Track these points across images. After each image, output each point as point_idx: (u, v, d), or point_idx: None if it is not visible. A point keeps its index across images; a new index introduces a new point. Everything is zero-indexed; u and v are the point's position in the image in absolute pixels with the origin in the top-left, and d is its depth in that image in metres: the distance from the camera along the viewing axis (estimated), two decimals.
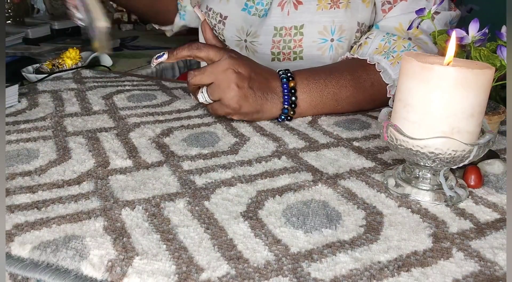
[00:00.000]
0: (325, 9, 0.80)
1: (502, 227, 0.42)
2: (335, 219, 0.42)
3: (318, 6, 0.80)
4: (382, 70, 0.71)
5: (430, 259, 0.37)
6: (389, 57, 0.73)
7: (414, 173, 0.48)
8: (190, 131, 0.62)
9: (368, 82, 0.71)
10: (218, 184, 0.48)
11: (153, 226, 0.40)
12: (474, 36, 0.53)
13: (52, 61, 0.95)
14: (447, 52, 0.44)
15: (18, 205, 0.42)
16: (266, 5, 0.85)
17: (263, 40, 0.86)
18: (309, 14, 0.81)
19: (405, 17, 0.77)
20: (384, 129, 0.46)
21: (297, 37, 0.83)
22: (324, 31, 0.81)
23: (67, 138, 0.58)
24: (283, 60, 0.86)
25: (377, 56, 0.73)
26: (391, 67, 0.72)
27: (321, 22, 0.80)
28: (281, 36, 0.84)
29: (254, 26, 0.86)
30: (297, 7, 0.81)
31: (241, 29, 0.88)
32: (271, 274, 0.35)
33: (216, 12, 0.90)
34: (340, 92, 0.69)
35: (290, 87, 0.65)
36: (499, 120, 0.55)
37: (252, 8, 0.87)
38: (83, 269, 0.35)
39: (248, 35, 0.87)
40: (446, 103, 0.42)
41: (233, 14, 0.88)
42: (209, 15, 0.92)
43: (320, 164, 0.53)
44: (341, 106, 0.70)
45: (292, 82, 0.66)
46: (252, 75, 0.63)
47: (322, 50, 0.83)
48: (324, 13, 0.80)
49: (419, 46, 0.74)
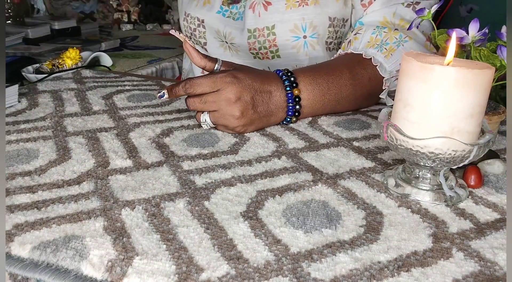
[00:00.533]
0: (293, 7, 0.81)
1: (502, 227, 0.42)
2: (335, 219, 0.42)
3: (287, 5, 0.81)
4: (378, 64, 0.71)
5: (430, 259, 0.37)
6: (382, 50, 0.73)
7: (414, 173, 0.48)
8: (190, 132, 0.62)
9: (366, 77, 0.71)
10: (218, 184, 0.48)
11: (153, 226, 0.40)
12: (474, 36, 0.53)
13: (52, 61, 0.95)
14: (448, 53, 0.44)
15: (18, 205, 0.42)
16: (240, 8, 0.86)
17: (239, 42, 0.87)
18: (279, 14, 0.82)
19: (387, 10, 0.78)
20: (384, 129, 0.46)
21: (270, 37, 0.84)
22: (295, 29, 0.82)
23: (67, 138, 0.58)
24: (262, 59, 0.87)
25: (371, 50, 0.73)
26: (385, 60, 0.72)
27: (291, 20, 0.81)
28: (255, 37, 0.85)
29: (229, 28, 0.87)
30: (267, 8, 0.82)
31: (218, 32, 0.89)
32: (271, 274, 0.35)
33: (193, 17, 0.91)
34: (341, 92, 0.68)
35: (295, 96, 0.64)
36: (499, 120, 0.55)
37: (227, 11, 0.88)
38: (83, 269, 0.35)
39: (226, 37, 0.88)
40: (446, 103, 0.42)
41: (208, 17, 0.89)
42: (187, 21, 0.92)
43: (320, 164, 0.53)
44: (341, 105, 0.70)
45: (296, 90, 0.63)
46: (255, 96, 0.60)
47: (297, 48, 0.84)
48: (293, 11, 0.81)
49: (410, 37, 0.74)
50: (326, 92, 0.67)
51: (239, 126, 0.60)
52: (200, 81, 0.59)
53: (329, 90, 0.67)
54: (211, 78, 0.59)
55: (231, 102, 0.59)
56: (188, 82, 0.59)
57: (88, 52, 1.08)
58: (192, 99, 0.60)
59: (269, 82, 0.63)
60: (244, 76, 0.60)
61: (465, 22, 0.54)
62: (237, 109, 0.59)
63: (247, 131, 0.62)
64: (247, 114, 0.60)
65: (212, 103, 0.59)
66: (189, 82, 0.59)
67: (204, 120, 0.61)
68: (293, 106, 0.64)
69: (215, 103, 0.59)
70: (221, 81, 0.59)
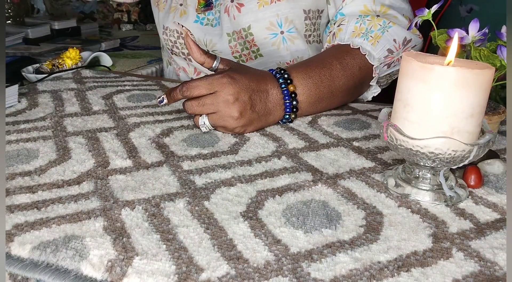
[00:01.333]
0: (266, 5, 0.81)
1: (502, 227, 0.42)
2: (335, 219, 0.42)
3: (259, 4, 0.81)
4: (366, 52, 0.72)
5: (430, 259, 0.37)
6: (368, 38, 0.73)
7: (414, 173, 0.48)
8: (190, 132, 0.62)
9: (356, 67, 0.71)
10: (218, 184, 0.48)
11: (153, 226, 0.40)
12: (474, 36, 0.53)
13: (52, 61, 0.95)
14: (449, 54, 0.44)
15: (18, 205, 0.42)
16: (216, 13, 0.86)
17: (221, 48, 0.87)
18: (252, 14, 0.82)
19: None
20: (384, 129, 0.46)
21: (249, 38, 0.84)
22: (271, 26, 0.82)
23: (67, 138, 0.58)
24: (246, 60, 0.88)
25: (357, 39, 0.74)
26: (372, 48, 0.72)
27: (266, 18, 0.81)
28: (235, 40, 0.85)
29: (209, 36, 0.87)
30: (240, 10, 0.82)
31: (199, 41, 0.88)
32: (271, 274, 0.35)
33: (171, 30, 0.91)
34: (334, 83, 0.69)
35: (291, 92, 0.64)
36: (499, 120, 0.55)
37: (204, 19, 0.88)
38: (83, 269, 0.35)
39: (207, 45, 0.88)
40: (446, 103, 0.42)
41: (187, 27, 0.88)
42: (167, 34, 0.92)
43: (320, 164, 0.53)
44: (335, 96, 0.70)
45: (291, 86, 0.64)
46: (253, 96, 0.60)
47: (276, 44, 0.84)
48: (266, 9, 0.81)
49: (393, 22, 0.75)
50: (320, 85, 0.67)
51: (238, 127, 0.60)
52: (196, 83, 0.59)
53: (322, 82, 0.67)
54: (207, 80, 0.59)
55: (229, 104, 0.58)
56: (184, 85, 0.59)
57: (88, 52, 1.08)
58: (190, 102, 0.60)
59: (264, 81, 0.63)
60: (240, 76, 0.60)
61: (465, 22, 0.54)
62: (236, 110, 0.59)
63: (247, 132, 0.62)
64: (246, 114, 0.60)
65: (210, 106, 0.59)
66: (185, 85, 0.59)
67: (203, 123, 0.61)
68: (290, 102, 0.64)
69: (213, 105, 0.59)
70: (218, 82, 0.58)
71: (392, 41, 0.74)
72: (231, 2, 0.83)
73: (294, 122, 0.67)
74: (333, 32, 0.79)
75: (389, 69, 0.76)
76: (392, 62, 0.75)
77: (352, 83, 0.71)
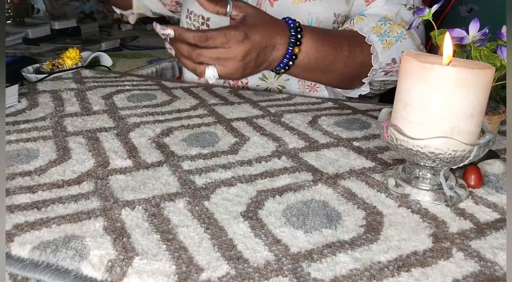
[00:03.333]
0: (300, 3, 0.80)
1: (502, 227, 0.42)
2: (335, 219, 0.42)
3: (294, 0, 0.81)
4: (374, 53, 0.73)
5: (430, 259, 0.37)
6: (383, 40, 0.74)
7: (414, 173, 0.48)
8: (190, 131, 0.62)
9: (359, 60, 0.72)
10: (218, 184, 0.48)
11: (153, 226, 0.40)
12: (474, 36, 0.53)
13: (52, 61, 0.95)
14: (444, 52, 0.44)
15: (18, 205, 0.42)
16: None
17: None
18: (285, 9, 0.81)
19: (390, 8, 0.79)
20: (384, 129, 0.46)
21: None
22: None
23: (67, 138, 0.58)
24: None
25: (374, 36, 0.74)
26: (382, 51, 0.73)
27: (298, 15, 0.80)
28: None
29: None
30: (273, 4, 0.82)
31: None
32: (271, 274, 0.34)
33: (197, 15, 0.89)
34: (333, 64, 0.70)
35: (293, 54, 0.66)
36: (499, 120, 0.55)
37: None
38: (83, 269, 0.35)
39: None
40: (446, 103, 0.42)
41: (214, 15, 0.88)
42: (190, 18, 0.91)
43: (320, 164, 0.53)
44: (326, 76, 0.72)
45: (297, 48, 0.66)
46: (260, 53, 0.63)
47: None
48: (300, 6, 0.80)
49: (409, 35, 0.76)
50: (320, 61, 0.69)
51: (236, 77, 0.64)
52: (213, 34, 0.60)
53: (324, 60, 0.69)
54: (225, 34, 0.60)
55: (237, 60, 0.61)
56: (202, 35, 0.60)
57: (88, 52, 1.08)
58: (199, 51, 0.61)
59: (276, 35, 0.64)
60: (255, 33, 0.62)
61: (465, 22, 0.54)
62: (241, 66, 0.62)
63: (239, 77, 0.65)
64: (248, 68, 0.63)
65: (221, 61, 0.61)
66: (203, 36, 0.60)
67: (212, 76, 0.63)
68: (287, 61, 0.66)
69: (224, 61, 0.61)
70: (234, 39, 0.60)
71: (400, 53, 0.75)
72: None
73: (294, 122, 0.67)
74: (353, 18, 0.80)
75: (385, 76, 0.77)
76: (390, 71, 0.76)
77: (347, 72, 0.72)
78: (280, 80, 0.87)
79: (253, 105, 0.74)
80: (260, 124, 0.65)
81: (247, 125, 0.65)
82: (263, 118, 0.68)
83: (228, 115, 0.69)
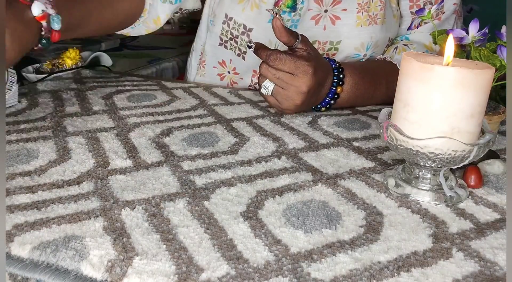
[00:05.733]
0: (364, 26, 0.80)
1: (502, 227, 0.42)
2: (335, 219, 0.42)
3: (358, 22, 0.79)
4: None
5: (430, 259, 0.37)
6: None
7: (414, 173, 0.48)
8: (190, 131, 0.62)
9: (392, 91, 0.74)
10: (218, 184, 0.48)
11: (153, 226, 0.40)
12: (474, 36, 0.53)
13: (52, 61, 0.95)
14: (445, 53, 0.44)
15: (18, 205, 0.42)
16: (294, 16, 0.81)
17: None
18: (348, 29, 0.80)
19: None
20: (384, 129, 0.46)
21: (330, 52, 0.82)
22: (361, 47, 0.81)
23: (67, 138, 0.58)
24: None
25: None
26: None
27: (360, 37, 0.80)
28: None
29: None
30: (334, 23, 0.80)
31: (269, 43, 0.82)
32: (271, 274, 0.34)
33: (238, 23, 0.83)
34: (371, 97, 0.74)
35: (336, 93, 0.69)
36: (499, 120, 0.55)
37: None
38: (83, 269, 0.35)
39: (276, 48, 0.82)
40: (446, 103, 0.42)
41: (259, 26, 0.82)
42: (229, 25, 0.85)
43: (320, 164, 0.53)
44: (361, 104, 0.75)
45: (339, 88, 0.69)
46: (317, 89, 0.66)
47: None
48: (363, 29, 0.80)
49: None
50: (360, 96, 0.72)
51: (289, 110, 0.67)
52: (285, 59, 0.62)
53: (363, 95, 0.72)
54: (295, 61, 0.62)
55: (300, 92, 0.63)
56: (274, 55, 0.62)
57: (88, 52, 1.08)
58: (268, 67, 0.64)
59: (326, 75, 0.67)
60: (318, 68, 0.64)
61: (465, 22, 0.54)
62: (301, 98, 0.64)
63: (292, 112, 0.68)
64: (305, 103, 0.66)
65: (283, 83, 0.63)
66: (274, 56, 0.62)
67: (267, 87, 0.65)
68: (329, 100, 0.70)
69: (286, 84, 0.63)
70: (303, 68, 0.62)
71: None
72: (325, 12, 0.80)
73: (294, 122, 0.67)
74: (397, 46, 0.81)
75: None
76: None
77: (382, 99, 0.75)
78: None
79: (253, 106, 0.74)
80: (260, 125, 0.65)
81: (247, 126, 0.65)
82: (263, 119, 0.68)
83: (228, 115, 0.69)
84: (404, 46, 0.80)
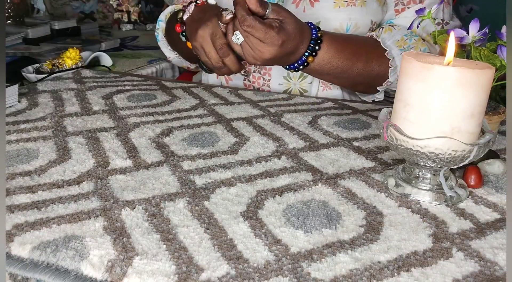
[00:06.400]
0: (342, 7, 0.80)
1: (502, 227, 0.42)
2: (335, 219, 0.42)
3: (335, 3, 0.81)
4: (392, 67, 0.74)
5: (430, 259, 0.37)
6: None
7: (414, 173, 0.48)
8: (190, 131, 0.62)
9: (375, 72, 0.74)
10: (218, 184, 0.48)
11: (153, 226, 0.40)
12: (474, 36, 0.53)
13: (52, 61, 0.95)
14: (447, 53, 0.44)
15: (18, 205, 0.42)
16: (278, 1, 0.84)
17: None
18: (326, 11, 0.81)
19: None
20: (384, 129, 0.46)
21: None
22: (340, 28, 0.81)
23: (67, 138, 0.58)
24: None
25: (396, 50, 0.76)
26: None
27: (338, 19, 0.81)
28: None
29: None
30: (313, 4, 0.82)
31: None
32: (271, 274, 0.34)
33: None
34: (345, 73, 0.73)
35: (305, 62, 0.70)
36: (499, 120, 0.55)
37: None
38: (83, 269, 0.35)
39: None
40: (446, 103, 0.42)
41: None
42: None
43: (320, 164, 0.53)
44: (337, 81, 0.75)
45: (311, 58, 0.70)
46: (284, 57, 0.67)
47: None
48: (341, 11, 0.81)
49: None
50: (334, 68, 0.72)
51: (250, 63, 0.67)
52: (257, 27, 0.62)
53: (337, 68, 0.72)
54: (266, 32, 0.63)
55: (263, 58, 0.65)
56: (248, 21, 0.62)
57: (88, 52, 1.08)
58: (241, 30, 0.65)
59: (300, 43, 0.68)
60: (288, 43, 0.65)
61: (465, 22, 0.54)
62: (262, 62, 0.66)
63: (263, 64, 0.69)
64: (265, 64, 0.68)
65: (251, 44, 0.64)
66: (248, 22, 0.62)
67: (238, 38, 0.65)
68: (297, 66, 0.71)
69: (253, 46, 0.64)
70: (271, 39, 0.63)
71: None
72: None
73: (294, 122, 0.67)
74: (382, 27, 0.81)
75: None
76: None
77: (361, 81, 0.75)
78: (303, 83, 0.86)
79: (253, 105, 0.74)
80: (260, 124, 0.65)
81: (247, 125, 0.65)
82: (263, 118, 0.68)
83: (228, 115, 0.69)
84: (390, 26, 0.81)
